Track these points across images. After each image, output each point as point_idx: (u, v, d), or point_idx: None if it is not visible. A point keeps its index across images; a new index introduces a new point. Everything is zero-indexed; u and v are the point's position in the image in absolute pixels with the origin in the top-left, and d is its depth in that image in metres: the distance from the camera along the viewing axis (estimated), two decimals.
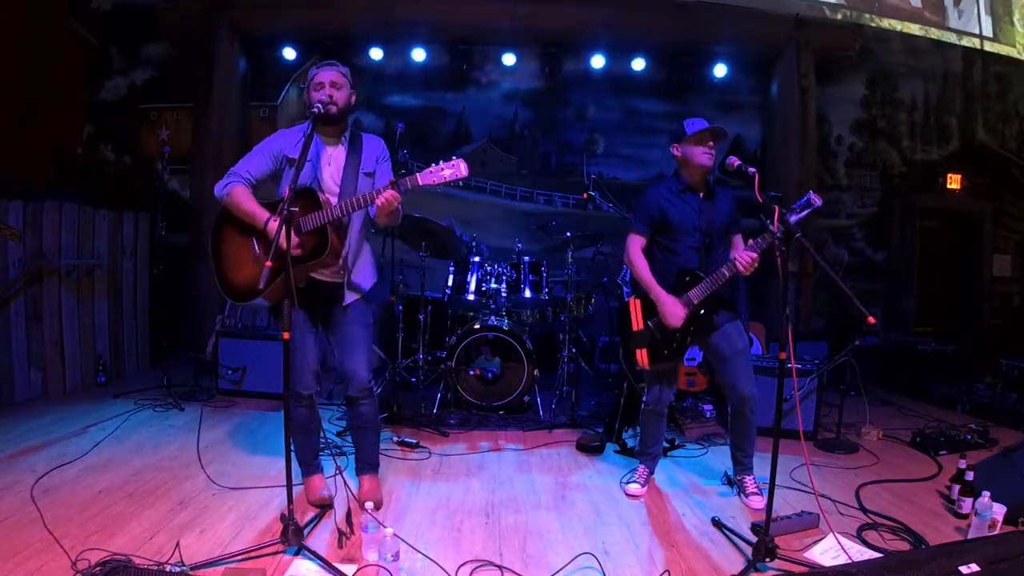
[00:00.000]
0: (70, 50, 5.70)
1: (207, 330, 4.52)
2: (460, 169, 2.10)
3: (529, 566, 2.07)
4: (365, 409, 2.48)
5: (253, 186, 2.32)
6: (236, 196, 2.25)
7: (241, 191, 2.27)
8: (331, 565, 1.94)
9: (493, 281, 4.17)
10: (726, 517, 2.45)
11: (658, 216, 2.62)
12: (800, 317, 5.65)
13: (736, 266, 2.40)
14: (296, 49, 5.74)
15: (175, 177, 5.69)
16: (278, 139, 2.37)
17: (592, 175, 5.67)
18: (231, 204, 2.27)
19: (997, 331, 6.21)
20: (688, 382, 4.24)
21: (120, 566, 1.84)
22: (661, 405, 2.73)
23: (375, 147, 2.44)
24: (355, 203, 2.17)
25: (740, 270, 2.39)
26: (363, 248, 2.48)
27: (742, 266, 2.38)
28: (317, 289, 2.37)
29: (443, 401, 4.04)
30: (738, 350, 2.58)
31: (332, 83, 2.30)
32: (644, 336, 2.58)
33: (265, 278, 1.91)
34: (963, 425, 3.68)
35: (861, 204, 6.34)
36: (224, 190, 2.28)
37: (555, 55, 5.83)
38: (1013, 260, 6.50)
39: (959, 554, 1.84)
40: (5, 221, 3.66)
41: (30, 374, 3.92)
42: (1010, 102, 6.57)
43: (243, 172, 2.30)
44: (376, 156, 2.42)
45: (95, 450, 3.01)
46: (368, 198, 2.15)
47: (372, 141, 2.45)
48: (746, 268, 2.38)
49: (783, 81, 5.77)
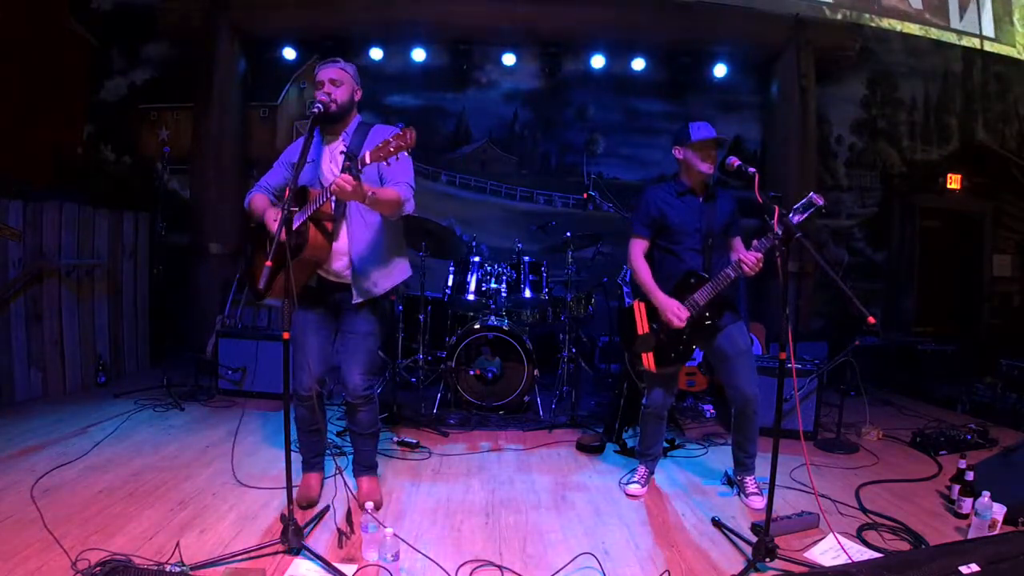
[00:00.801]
0: (70, 50, 5.71)
1: (207, 330, 4.52)
2: (407, 138, 1.97)
3: (529, 566, 2.07)
4: (362, 416, 2.46)
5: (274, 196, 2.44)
6: (253, 201, 2.41)
7: (258, 196, 2.42)
8: (331, 565, 1.94)
9: (493, 281, 4.17)
10: (726, 517, 2.45)
11: (658, 218, 2.61)
12: (800, 317, 5.65)
13: (742, 267, 2.39)
14: (296, 49, 5.75)
15: (175, 177, 5.70)
16: (291, 150, 2.49)
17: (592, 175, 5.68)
18: (251, 210, 2.41)
19: (997, 331, 6.22)
20: (688, 382, 4.24)
21: (120, 566, 1.84)
22: (661, 408, 2.73)
23: (376, 137, 2.31)
24: (324, 193, 2.14)
25: (746, 271, 2.38)
26: (377, 248, 2.37)
27: (748, 267, 2.37)
28: (326, 288, 2.37)
29: (443, 401, 4.04)
30: (741, 350, 2.58)
31: (331, 80, 2.28)
32: (650, 340, 2.58)
33: (265, 278, 1.92)
34: (963, 425, 3.68)
35: (861, 204, 6.35)
36: (248, 199, 2.43)
37: (555, 55, 5.84)
38: (1013, 260, 6.50)
39: (959, 554, 1.84)
40: (5, 221, 3.66)
41: (30, 374, 3.92)
42: (1010, 102, 6.57)
43: (263, 183, 2.47)
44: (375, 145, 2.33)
45: (95, 450, 3.01)
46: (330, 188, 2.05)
47: (380, 130, 2.34)
48: (751, 269, 2.37)
49: (783, 81, 5.77)
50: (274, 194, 2.45)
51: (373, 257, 2.36)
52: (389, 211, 2.26)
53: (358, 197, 2.06)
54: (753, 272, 2.38)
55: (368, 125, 2.39)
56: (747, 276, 2.42)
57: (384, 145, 1.98)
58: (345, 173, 2.00)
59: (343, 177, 1.98)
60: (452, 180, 6.04)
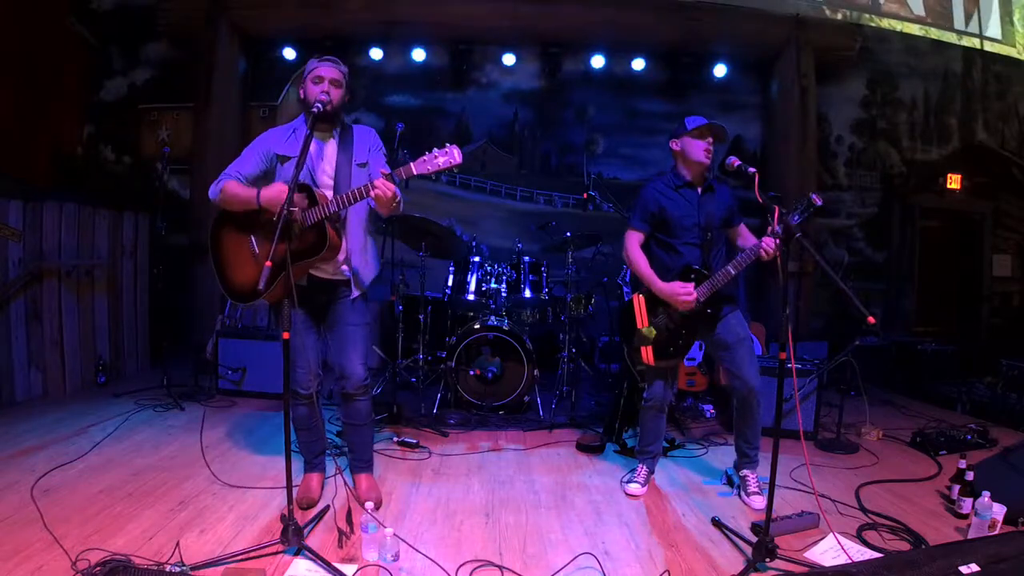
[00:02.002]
0: (70, 50, 5.71)
1: (207, 330, 4.52)
2: (454, 155, 2.04)
3: (529, 566, 2.07)
4: (361, 405, 2.47)
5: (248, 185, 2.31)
6: (229, 188, 2.25)
7: (233, 183, 2.26)
8: (331, 565, 1.94)
9: (493, 281, 4.17)
10: (726, 517, 2.45)
11: (657, 212, 2.62)
12: (800, 317, 5.65)
13: (761, 253, 2.38)
14: (296, 49, 5.75)
15: (175, 177, 5.70)
16: (267, 138, 2.37)
17: (592, 175, 5.69)
18: (225, 199, 2.26)
19: (997, 331, 6.22)
20: (688, 382, 4.24)
21: (120, 566, 1.84)
22: (661, 401, 2.73)
23: (367, 137, 2.43)
24: (352, 196, 2.14)
25: (764, 257, 2.37)
26: (366, 243, 2.46)
27: (767, 253, 2.36)
28: (317, 286, 2.37)
29: (443, 401, 4.03)
30: (741, 338, 2.58)
31: (333, 81, 2.30)
32: (651, 333, 2.57)
33: (265, 278, 1.87)
34: (963, 425, 3.68)
35: (861, 204, 6.35)
36: (216, 188, 2.28)
37: (555, 55, 5.84)
38: (1013, 260, 6.50)
39: (959, 554, 1.84)
40: (5, 221, 3.66)
41: (30, 374, 3.92)
42: (1010, 102, 6.57)
43: (233, 173, 2.30)
44: (368, 146, 2.40)
45: (95, 450, 3.01)
46: (364, 190, 2.11)
47: (363, 132, 2.44)
48: (770, 254, 2.36)
49: (783, 81, 5.77)
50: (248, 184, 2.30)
51: (363, 251, 2.44)
52: (397, 210, 2.28)
53: (393, 203, 2.12)
54: (770, 257, 2.37)
55: (348, 125, 2.44)
56: (765, 261, 2.40)
57: (432, 158, 2.05)
58: (387, 181, 2.06)
59: (388, 185, 2.05)
60: (452, 180, 6.04)
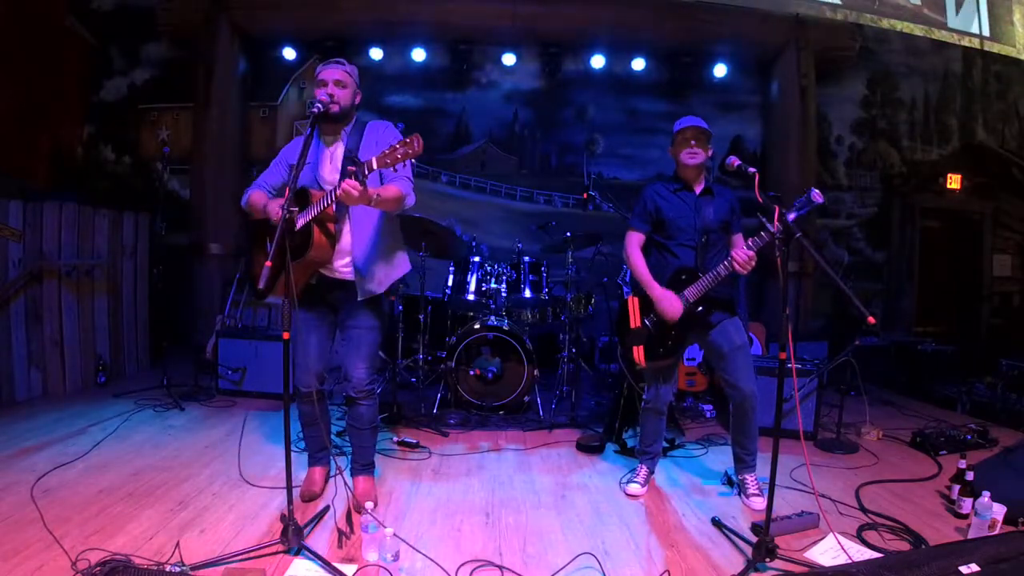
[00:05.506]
0: (70, 50, 5.71)
1: (207, 330, 4.52)
2: (415, 145, 1.98)
3: (529, 566, 2.07)
4: (362, 410, 2.47)
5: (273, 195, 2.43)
6: (252, 197, 2.39)
7: (257, 192, 2.41)
8: (331, 565, 1.94)
9: (493, 281, 4.17)
10: (726, 517, 2.45)
11: (653, 212, 2.64)
12: (800, 317, 5.65)
13: (733, 264, 2.39)
14: (296, 49, 5.75)
15: (175, 177, 5.71)
16: (288, 149, 2.49)
17: (592, 175, 5.69)
18: (249, 206, 2.40)
19: (997, 331, 6.22)
20: (688, 382, 4.24)
21: (120, 566, 1.84)
22: (660, 403, 2.73)
23: (374, 132, 2.37)
24: (327, 197, 2.13)
25: (737, 268, 2.38)
26: (379, 245, 2.38)
27: (739, 264, 2.37)
28: (327, 285, 2.38)
29: (443, 401, 4.03)
30: (736, 346, 2.58)
31: (336, 81, 2.29)
32: (641, 333, 2.59)
33: (265, 278, 1.91)
34: (963, 425, 3.68)
35: (861, 204, 6.35)
36: (244, 198, 2.42)
37: (555, 55, 5.85)
38: (1013, 260, 6.50)
39: (959, 554, 1.84)
40: (5, 221, 3.66)
41: (30, 374, 3.92)
42: (1010, 102, 6.58)
43: (261, 182, 2.46)
44: (376, 141, 2.33)
45: (95, 450, 3.01)
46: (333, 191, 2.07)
47: (374, 127, 2.38)
48: (743, 266, 2.36)
49: (783, 81, 5.77)
50: (273, 194, 2.44)
51: (375, 255, 2.38)
52: (394, 208, 2.29)
53: (364, 201, 2.07)
54: (745, 270, 2.38)
55: (363, 123, 2.40)
56: (740, 274, 2.41)
57: (391, 151, 1.99)
58: (351, 179, 1.99)
59: (350, 183, 1.98)
60: (452, 180, 6.04)
